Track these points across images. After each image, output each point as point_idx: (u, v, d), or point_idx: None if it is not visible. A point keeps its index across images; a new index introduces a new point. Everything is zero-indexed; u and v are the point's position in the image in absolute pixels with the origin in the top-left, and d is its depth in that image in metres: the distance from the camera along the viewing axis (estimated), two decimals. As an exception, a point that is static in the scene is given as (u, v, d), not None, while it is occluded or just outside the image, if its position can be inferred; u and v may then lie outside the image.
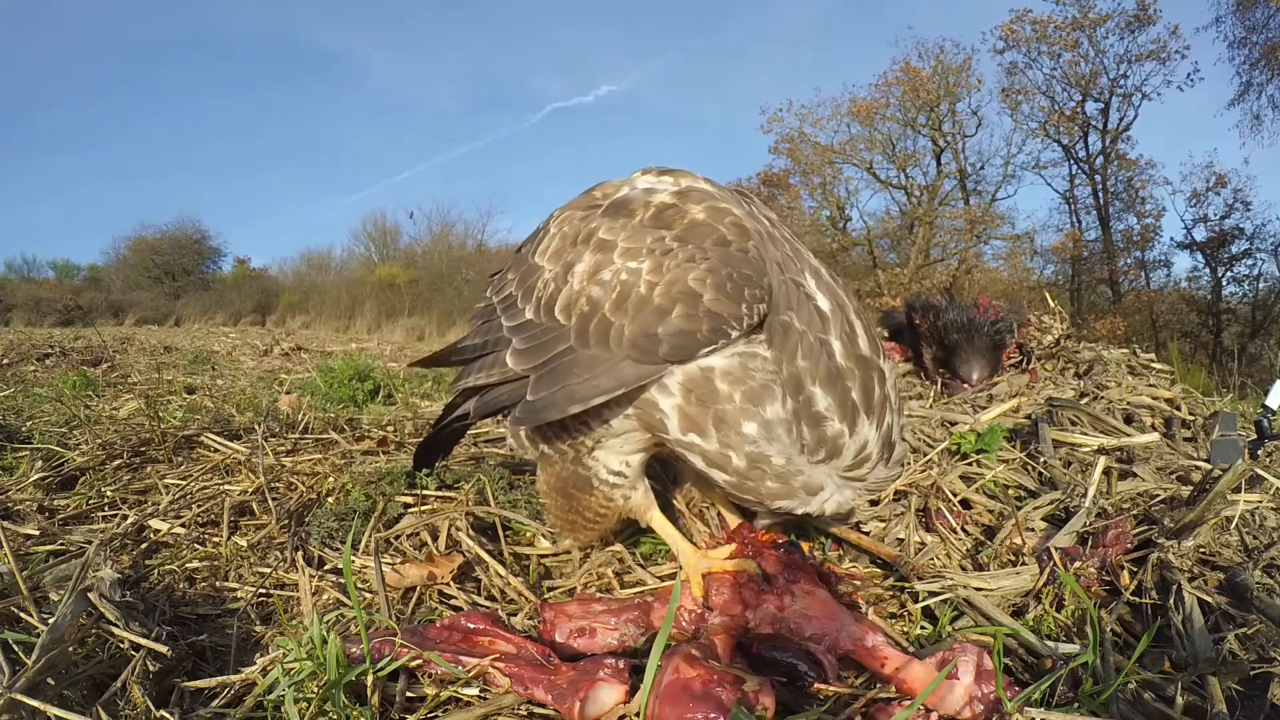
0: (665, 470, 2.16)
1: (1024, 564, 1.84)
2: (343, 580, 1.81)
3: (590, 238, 1.54)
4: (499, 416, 1.76)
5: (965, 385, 4.14)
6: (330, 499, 2.39)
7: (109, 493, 2.48)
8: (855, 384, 1.43)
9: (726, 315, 1.32)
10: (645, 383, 1.41)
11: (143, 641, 1.44)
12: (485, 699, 1.35)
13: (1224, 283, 23.40)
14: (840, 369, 1.42)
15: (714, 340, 1.34)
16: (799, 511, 1.54)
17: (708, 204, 1.48)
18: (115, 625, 1.49)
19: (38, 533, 2.11)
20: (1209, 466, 2.57)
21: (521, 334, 1.59)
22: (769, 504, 1.52)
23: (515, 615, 1.72)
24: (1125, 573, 1.78)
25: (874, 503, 2.25)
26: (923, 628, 1.69)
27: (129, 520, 2.21)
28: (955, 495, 2.22)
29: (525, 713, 1.33)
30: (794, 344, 1.40)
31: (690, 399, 1.42)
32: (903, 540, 2.02)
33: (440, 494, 2.31)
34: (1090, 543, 1.86)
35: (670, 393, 1.43)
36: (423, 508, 2.23)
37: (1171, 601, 1.63)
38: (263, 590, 1.81)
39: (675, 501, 2.10)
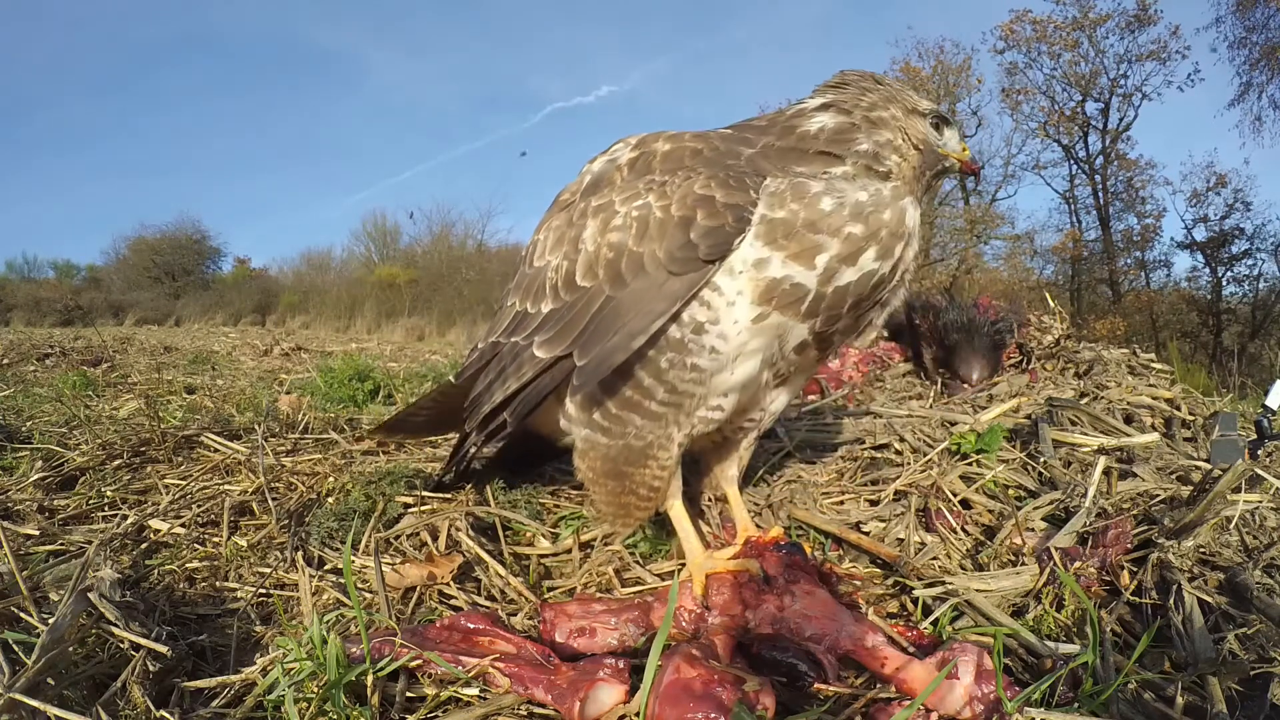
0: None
1: (1024, 564, 1.84)
2: (343, 580, 1.81)
3: (585, 213, 1.61)
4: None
5: (965, 385, 4.14)
6: (330, 499, 2.39)
7: (109, 493, 2.48)
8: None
9: (742, 203, 1.47)
10: (696, 289, 1.47)
11: (143, 641, 1.44)
12: (485, 699, 1.35)
13: (1224, 283, 23.44)
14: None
15: (740, 228, 1.47)
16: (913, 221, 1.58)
17: (664, 137, 1.66)
18: (115, 625, 1.49)
19: (38, 533, 2.11)
20: (1209, 466, 2.57)
21: (544, 328, 1.62)
22: (904, 229, 1.54)
23: (515, 615, 1.72)
24: (1125, 573, 1.78)
25: (874, 502, 2.25)
26: (923, 628, 1.69)
27: (129, 520, 2.20)
28: (955, 495, 2.22)
29: (525, 713, 1.33)
30: (776, 156, 1.56)
31: (782, 242, 1.48)
32: (903, 540, 2.02)
33: (440, 494, 2.31)
34: (1090, 543, 1.86)
35: (767, 259, 1.48)
36: (423, 508, 2.23)
37: (1171, 601, 1.63)
38: (263, 590, 1.81)
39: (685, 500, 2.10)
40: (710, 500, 2.13)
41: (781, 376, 1.75)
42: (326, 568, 1.94)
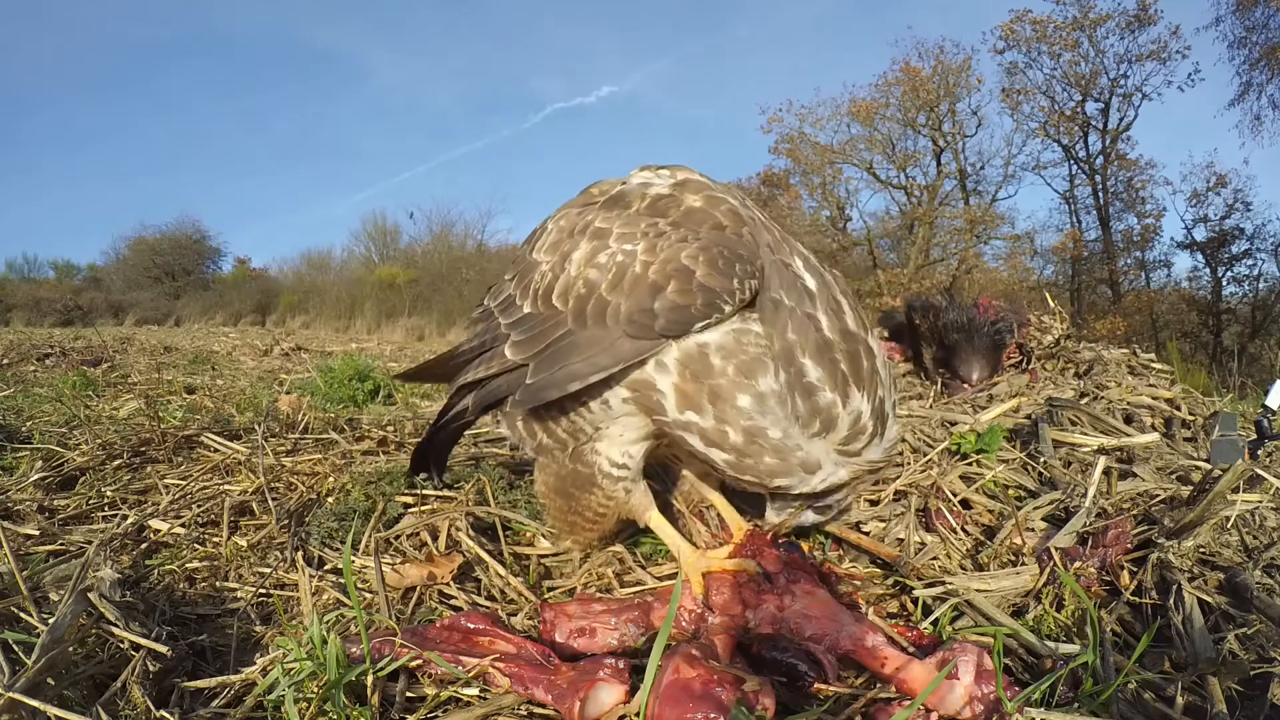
0: (665, 472, 2.16)
1: (1024, 564, 1.84)
2: (343, 580, 1.81)
3: (586, 229, 1.58)
4: (498, 410, 1.76)
5: (965, 385, 4.14)
6: (330, 499, 2.39)
7: (109, 493, 2.48)
8: (843, 356, 1.46)
9: (719, 290, 1.37)
10: (644, 358, 1.44)
11: (143, 641, 1.44)
12: (485, 699, 1.35)
13: (1224, 283, 23.44)
14: (828, 341, 1.45)
15: (708, 314, 1.38)
16: (797, 491, 1.55)
17: (704, 194, 1.54)
18: (115, 625, 1.49)
19: (38, 533, 2.11)
20: (1209, 466, 2.57)
21: (519, 327, 1.62)
22: (768, 483, 1.53)
23: (515, 615, 1.72)
24: (1125, 573, 1.78)
25: (873, 502, 2.25)
26: (923, 628, 1.69)
27: (129, 520, 2.20)
28: (955, 495, 2.22)
29: (525, 713, 1.33)
30: (784, 319, 1.44)
31: (686, 375, 1.44)
32: (903, 540, 2.02)
33: (440, 494, 2.31)
34: (1090, 543, 1.86)
35: (667, 370, 1.45)
36: (423, 508, 2.23)
37: (1171, 601, 1.63)
38: (263, 590, 1.81)
39: (674, 501, 2.10)
40: (708, 505, 2.13)
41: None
42: (326, 568, 1.94)
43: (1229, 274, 23.49)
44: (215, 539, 2.12)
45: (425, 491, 2.30)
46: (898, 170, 26.82)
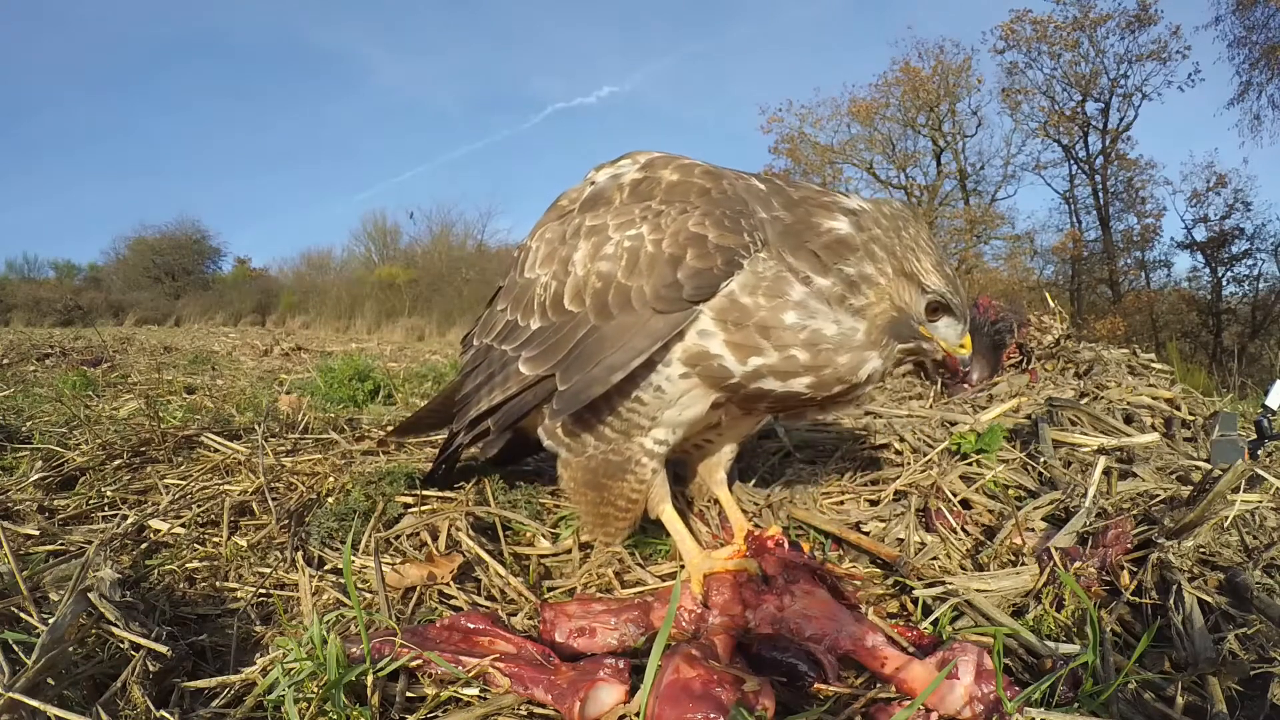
0: (667, 469, 2.16)
1: (1024, 564, 1.84)
2: (343, 580, 1.81)
3: (579, 231, 1.60)
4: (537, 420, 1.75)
5: (965, 385, 4.14)
6: (330, 499, 2.39)
7: (109, 493, 2.48)
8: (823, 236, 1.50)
9: (735, 246, 1.44)
10: (680, 329, 1.46)
11: (143, 641, 1.44)
12: (485, 699, 1.35)
13: (1224, 283, 23.46)
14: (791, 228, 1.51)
15: (729, 271, 1.44)
16: (872, 372, 1.53)
17: (673, 165, 1.60)
18: (115, 625, 1.49)
19: (38, 533, 2.11)
20: (1209, 466, 2.57)
21: (530, 345, 1.63)
22: (856, 377, 1.50)
23: (515, 615, 1.72)
24: (1125, 573, 1.78)
25: (874, 502, 2.25)
26: (923, 628, 1.69)
27: (129, 520, 2.20)
28: (955, 495, 2.22)
29: (525, 713, 1.33)
30: (778, 232, 1.49)
31: (729, 327, 1.47)
32: (903, 540, 2.02)
33: (440, 494, 2.31)
34: (1090, 543, 1.86)
35: (713, 334, 1.48)
36: (423, 508, 2.23)
37: (1171, 601, 1.63)
38: (263, 590, 1.81)
39: (678, 502, 2.10)
40: (709, 503, 2.13)
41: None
42: (326, 568, 1.94)
43: (1229, 274, 23.55)
44: (215, 539, 2.12)
45: (425, 491, 2.30)
46: (898, 170, 26.87)
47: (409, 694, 1.35)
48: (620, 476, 1.69)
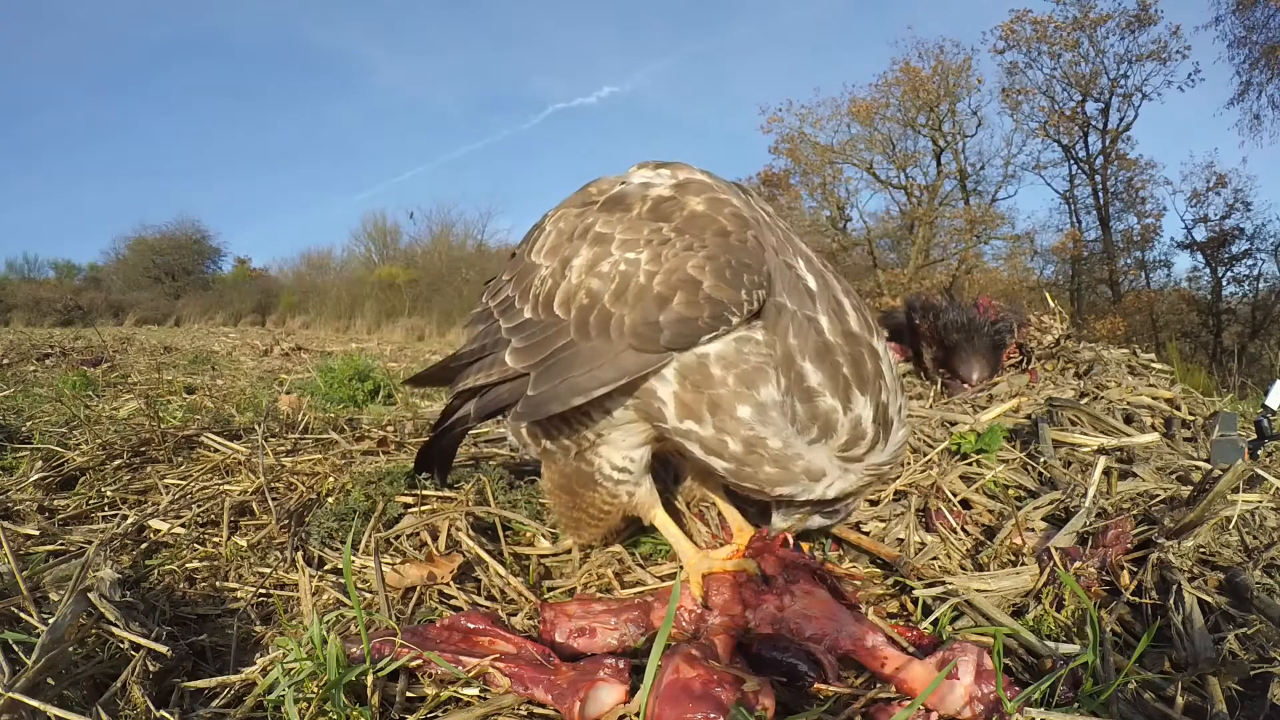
0: (665, 470, 2.16)
1: (1024, 564, 1.84)
2: (343, 580, 1.81)
3: (587, 232, 1.55)
4: (499, 416, 1.76)
5: (965, 385, 4.14)
6: (330, 499, 2.39)
7: (109, 493, 2.48)
8: (845, 359, 1.42)
9: (727, 301, 1.33)
10: (647, 372, 1.41)
11: (143, 641, 1.44)
12: (485, 699, 1.35)
13: (1224, 283, 23.46)
14: (829, 344, 1.42)
15: (715, 327, 1.34)
16: (803, 499, 1.53)
17: (707, 195, 1.48)
18: (115, 625, 1.49)
19: (38, 533, 2.11)
20: (1209, 466, 2.57)
21: (520, 333, 1.60)
22: (770, 491, 1.51)
23: (515, 615, 1.72)
24: (1125, 573, 1.78)
25: (874, 503, 2.25)
26: (923, 628, 1.69)
27: (129, 520, 2.20)
28: (955, 495, 2.22)
29: (525, 713, 1.33)
30: (786, 323, 1.40)
31: (686, 385, 1.42)
32: (903, 540, 2.02)
33: (440, 494, 2.31)
34: (1090, 543, 1.86)
35: (668, 380, 1.43)
36: (423, 508, 2.23)
37: (1171, 601, 1.63)
38: (263, 590, 1.81)
39: (675, 501, 2.10)
40: (708, 503, 2.13)
41: None
42: (326, 568, 1.94)
43: (1229, 274, 23.54)
44: (215, 539, 2.12)
45: (425, 491, 2.30)
46: (898, 170, 26.85)
47: (409, 694, 1.35)
48: (591, 487, 1.69)
